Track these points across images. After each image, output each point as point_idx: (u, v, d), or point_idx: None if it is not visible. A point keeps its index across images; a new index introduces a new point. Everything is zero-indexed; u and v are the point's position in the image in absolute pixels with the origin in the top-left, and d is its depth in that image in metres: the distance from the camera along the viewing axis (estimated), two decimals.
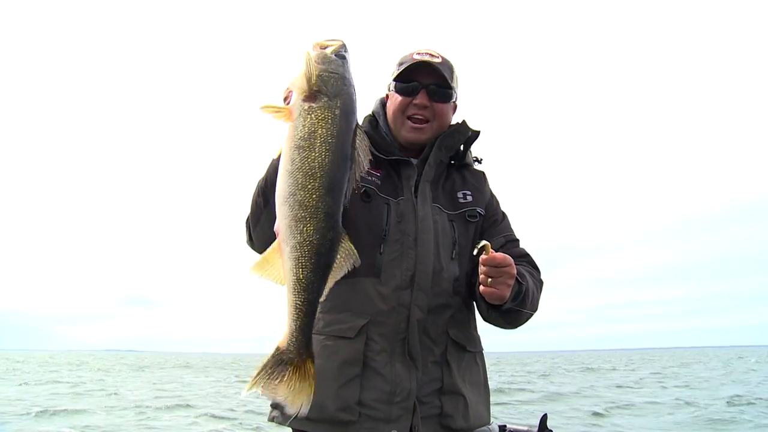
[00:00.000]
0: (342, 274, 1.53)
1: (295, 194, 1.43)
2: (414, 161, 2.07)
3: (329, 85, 1.48)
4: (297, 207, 1.43)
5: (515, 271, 1.73)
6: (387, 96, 2.15)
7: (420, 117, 2.04)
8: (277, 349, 1.47)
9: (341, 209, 1.50)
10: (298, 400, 1.46)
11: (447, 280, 1.95)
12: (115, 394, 19.05)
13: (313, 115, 1.45)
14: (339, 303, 1.87)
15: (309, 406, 1.48)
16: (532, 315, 1.94)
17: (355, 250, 1.54)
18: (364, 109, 2.16)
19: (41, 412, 13.22)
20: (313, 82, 1.47)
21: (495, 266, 1.68)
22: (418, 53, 2.04)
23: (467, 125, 2.13)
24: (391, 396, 1.83)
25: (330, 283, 1.51)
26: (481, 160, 2.25)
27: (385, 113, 2.15)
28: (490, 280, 1.70)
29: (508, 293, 1.73)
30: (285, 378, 1.45)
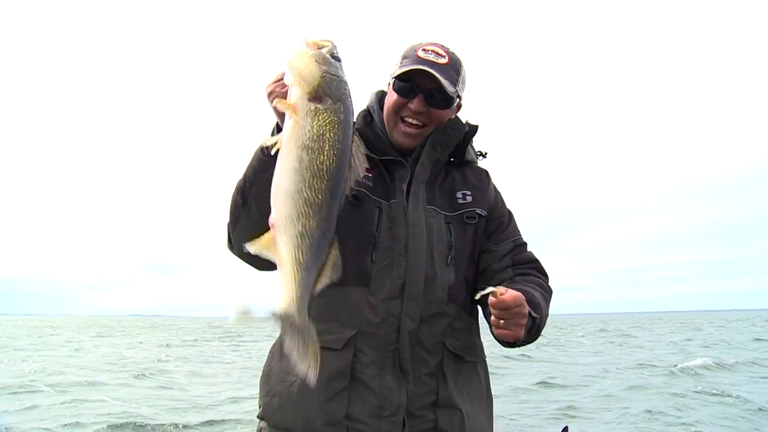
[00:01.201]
0: (324, 283, 1.52)
1: (301, 191, 1.44)
2: (407, 161, 1.95)
3: (332, 87, 1.48)
4: (302, 203, 1.44)
5: (527, 310, 1.65)
6: (388, 86, 2.01)
7: (414, 122, 1.91)
8: (275, 313, 1.46)
9: (336, 215, 1.50)
10: (305, 360, 1.46)
11: (441, 288, 1.86)
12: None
13: (320, 117, 1.45)
14: (326, 312, 1.78)
15: (317, 367, 1.47)
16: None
17: (340, 263, 1.54)
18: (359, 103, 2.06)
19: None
20: (317, 83, 1.46)
21: (506, 309, 1.61)
22: (424, 50, 1.90)
23: (460, 121, 1.99)
24: (380, 410, 1.75)
25: (319, 282, 1.50)
26: (486, 154, 2.13)
27: (380, 108, 2.02)
28: (502, 322, 1.64)
29: (522, 333, 1.67)
30: (291, 340, 1.46)
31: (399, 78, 1.89)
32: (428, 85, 1.86)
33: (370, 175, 1.87)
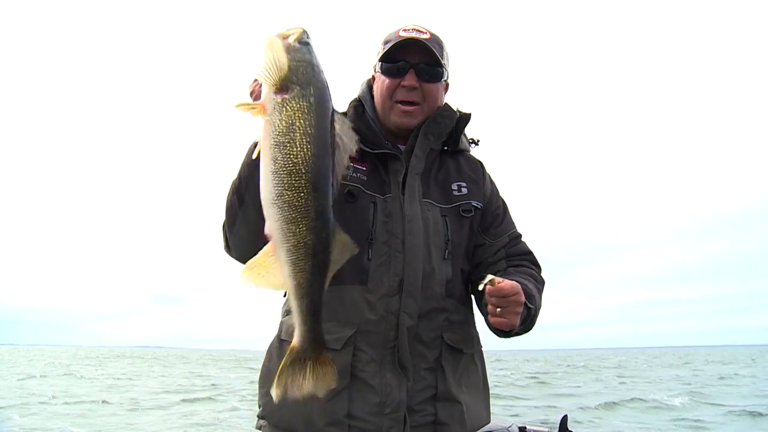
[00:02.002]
0: (341, 264, 1.52)
1: (282, 194, 1.37)
2: (401, 153, 1.92)
3: (299, 74, 1.41)
4: (286, 208, 1.37)
5: (523, 299, 1.66)
6: (373, 78, 2.01)
7: (409, 100, 1.89)
8: (292, 349, 1.47)
9: (331, 203, 1.44)
10: (324, 383, 1.48)
11: (439, 283, 1.85)
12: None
13: (288, 107, 1.38)
14: (325, 312, 1.71)
15: (335, 385, 1.52)
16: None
17: (350, 240, 1.50)
18: (348, 94, 2.02)
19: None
20: (283, 72, 1.40)
21: (503, 297, 1.62)
22: (404, 30, 1.89)
23: (451, 108, 1.97)
24: (381, 407, 1.76)
25: (330, 275, 1.48)
26: (478, 141, 2.12)
27: (372, 97, 2.00)
28: (498, 310, 1.64)
29: (517, 321, 1.69)
30: (307, 372, 1.46)
31: (386, 59, 1.88)
32: (416, 60, 1.86)
33: (364, 168, 1.86)
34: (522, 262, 1.97)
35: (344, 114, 1.93)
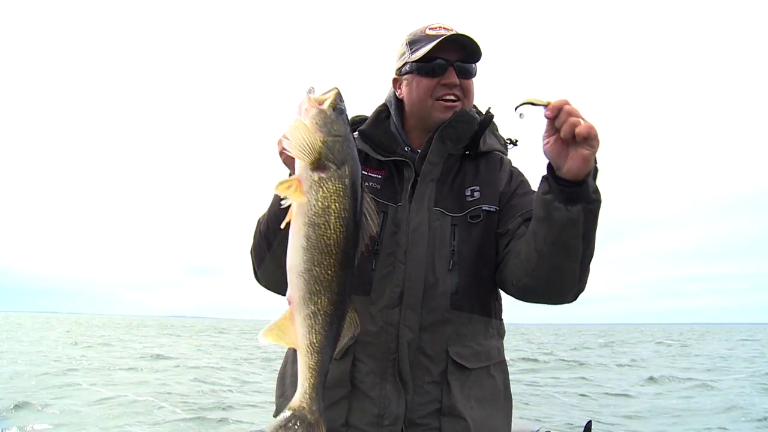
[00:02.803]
0: (343, 342, 1.54)
1: (311, 270, 1.43)
2: (415, 160, 1.89)
3: (335, 151, 1.44)
4: (312, 281, 1.44)
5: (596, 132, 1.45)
6: (395, 81, 1.99)
7: (452, 97, 1.87)
8: (290, 407, 1.48)
9: (351, 280, 1.49)
10: None
11: (443, 295, 1.80)
12: None
13: (324, 188, 1.42)
14: None
15: None
16: (589, 265, 1.66)
17: (358, 321, 1.54)
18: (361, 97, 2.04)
19: None
20: (320, 151, 1.43)
21: (559, 109, 1.46)
22: (431, 28, 1.88)
23: (468, 112, 1.91)
24: (379, 419, 1.76)
25: (337, 348, 1.52)
26: (517, 141, 2.04)
27: (397, 102, 1.98)
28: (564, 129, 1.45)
29: (593, 155, 1.47)
30: None
31: (423, 60, 1.85)
32: (453, 57, 1.84)
33: (379, 176, 1.87)
34: None
35: (364, 120, 1.97)
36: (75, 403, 10.06)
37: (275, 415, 1.89)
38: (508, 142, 2.04)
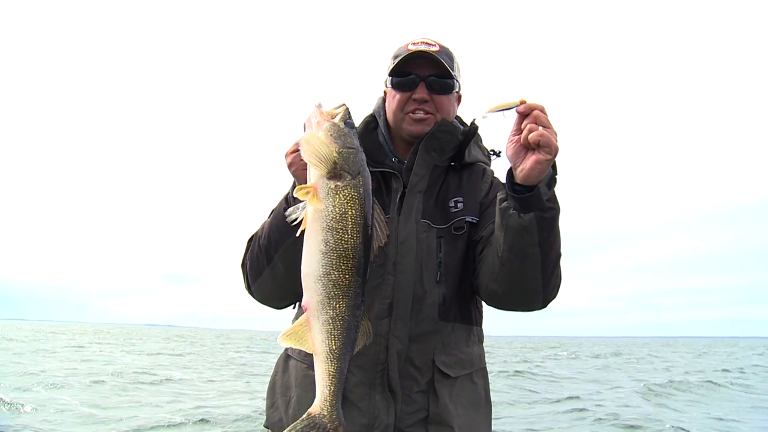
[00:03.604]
0: (358, 348, 1.58)
1: (330, 274, 1.48)
2: (404, 167, 1.93)
3: (350, 162, 1.51)
4: (331, 286, 1.49)
5: (555, 142, 1.51)
6: (385, 93, 2.02)
7: (421, 111, 1.90)
8: (309, 414, 1.51)
9: (364, 287, 1.55)
10: None
11: (431, 306, 1.84)
12: None
13: (341, 195, 1.49)
14: None
15: None
16: (555, 273, 1.69)
17: (371, 329, 1.59)
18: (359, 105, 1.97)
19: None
20: (335, 161, 1.49)
21: (530, 110, 1.53)
22: (413, 43, 1.90)
23: (450, 123, 1.94)
24: (369, 429, 1.78)
25: (352, 354, 1.56)
26: (500, 153, 2.05)
27: (384, 113, 2.02)
28: (530, 134, 1.51)
29: (547, 162, 1.53)
30: None
31: (395, 74, 1.90)
32: (426, 73, 1.87)
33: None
34: None
35: (354, 126, 1.91)
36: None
37: (266, 425, 1.91)
38: (492, 153, 2.07)
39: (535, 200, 1.56)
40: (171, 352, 30.50)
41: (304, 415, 1.51)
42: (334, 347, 1.50)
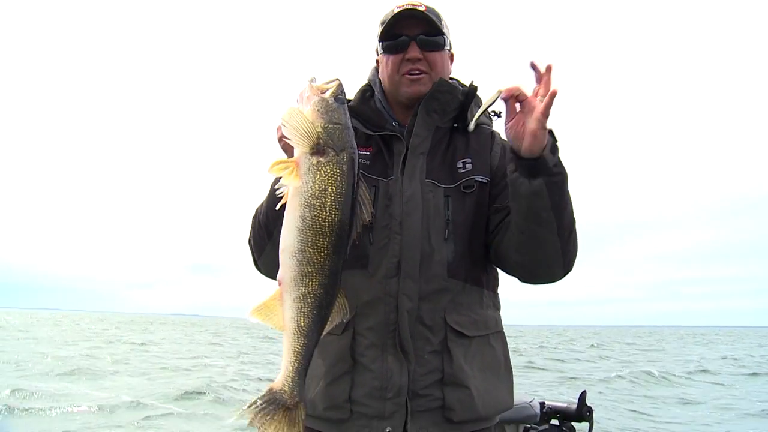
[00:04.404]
0: (331, 327, 1.56)
1: (304, 251, 1.45)
2: (404, 134, 1.91)
3: (335, 138, 1.48)
4: (305, 263, 1.46)
5: (545, 110, 1.55)
6: (377, 62, 2.02)
7: (416, 71, 1.89)
8: (271, 389, 1.49)
9: (342, 265, 1.52)
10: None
11: (440, 263, 1.81)
12: None
13: (322, 171, 1.46)
14: None
15: None
16: (571, 239, 1.71)
17: (347, 306, 1.57)
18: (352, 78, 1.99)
19: None
20: (320, 135, 1.46)
21: (516, 93, 1.58)
22: (399, 6, 1.90)
23: (448, 82, 1.92)
24: (382, 392, 1.74)
25: (323, 332, 1.54)
26: (501, 113, 1.98)
27: (379, 81, 2.01)
28: (519, 115, 1.58)
29: (540, 130, 1.56)
30: (275, 417, 1.46)
31: (385, 38, 1.91)
32: (415, 32, 1.88)
33: (368, 153, 1.86)
34: None
35: (350, 101, 1.88)
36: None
37: None
38: (492, 114, 2.05)
39: (542, 166, 1.60)
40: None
41: (265, 390, 1.49)
42: (302, 324, 1.47)
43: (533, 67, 1.56)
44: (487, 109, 1.62)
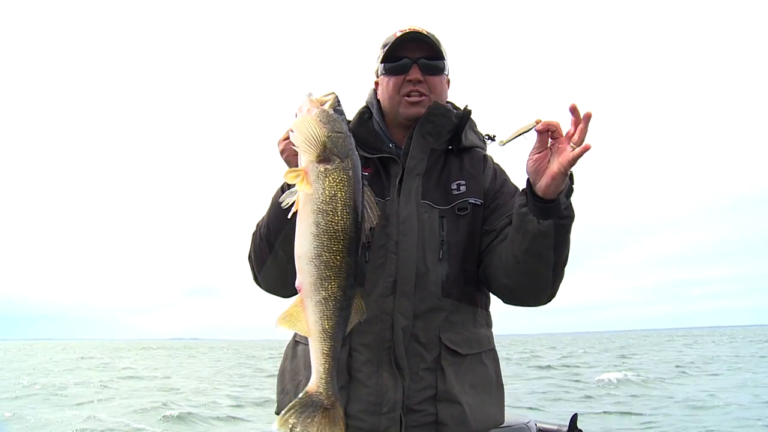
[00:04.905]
0: (350, 327, 1.64)
1: (321, 255, 1.53)
2: (400, 156, 1.98)
3: (338, 146, 1.55)
4: (323, 267, 1.53)
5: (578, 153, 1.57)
6: (376, 83, 2.09)
7: (416, 92, 1.96)
8: (306, 392, 1.57)
9: (356, 268, 1.59)
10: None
11: (434, 283, 1.88)
12: None
13: (330, 178, 1.53)
14: None
15: None
16: (562, 272, 1.79)
17: (364, 306, 1.64)
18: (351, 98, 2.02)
19: None
20: (324, 144, 1.54)
21: (550, 127, 1.61)
22: (401, 30, 1.98)
23: (443, 105, 1.99)
24: (377, 407, 1.81)
25: (347, 331, 1.61)
26: (494, 137, 2.09)
27: (377, 103, 2.08)
28: (540, 153, 1.62)
29: (562, 176, 1.61)
30: (316, 419, 1.54)
31: (388, 59, 1.98)
32: (417, 55, 1.95)
33: (366, 174, 1.88)
34: None
35: (349, 122, 1.93)
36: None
37: (277, 412, 1.95)
38: (486, 137, 2.11)
39: (554, 209, 1.66)
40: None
41: (302, 393, 1.56)
42: (327, 326, 1.55)
43: (573, 110, 1.58)
44: (521, 134, 1.68)
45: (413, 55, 1.96)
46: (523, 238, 1.71)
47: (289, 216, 1.59)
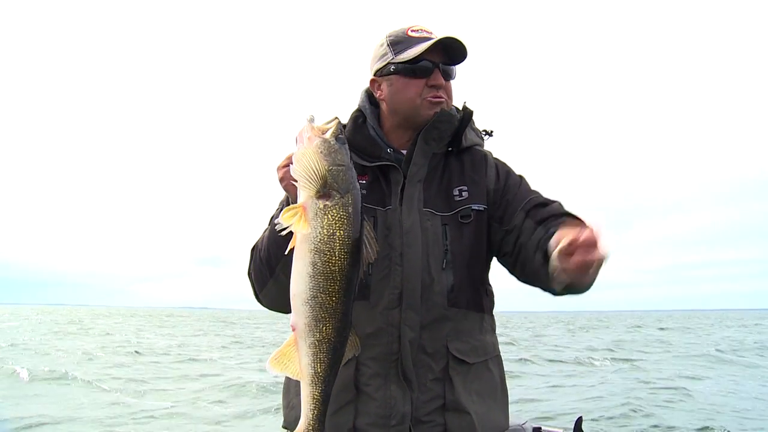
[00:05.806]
0: (344, 362, 1.59)
1: (316, 297, 1.48)
2: (401, 163, 1.92)
3: (339, 180, 1.50)
4: (318, 308, 1.49)
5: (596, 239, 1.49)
6: (372, 82, 2.00)
7: (439, 97, 1.91)
8: None
9: (352, 305, 1.55)
10: None
11: (439, 293, 1.85)
12: None
13: (329, 216, 1.48)
14: None
15: None
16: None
17: (359, 342, 1.60)
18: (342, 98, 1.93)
19: None
20: (324, 180, 1.49)
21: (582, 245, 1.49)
22: (414, 30, 1.92)
23: (448, 112, 1.93)
24: (386, 420, 1.79)
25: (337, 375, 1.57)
26: (492, 132, 2.09)
27: (372, 105, 2.02)
28: (577, 259, 1.50)
29: (598, 260, 1.50)
30: None
31: (411, 62, 1.88)
32: (438, 59, 1.89)
33: (363, 182, 1.85)
34: (558, 218, 1.80)
35: (344, 126, 1.88)
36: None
37: (284, 426, 1.95)
38: (484, 133, 2.08)
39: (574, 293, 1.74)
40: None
41: None
42: (319, 370, 1.51)
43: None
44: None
45: (435, 59, 1.89)
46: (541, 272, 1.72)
47: (285, 252, 1.56)
